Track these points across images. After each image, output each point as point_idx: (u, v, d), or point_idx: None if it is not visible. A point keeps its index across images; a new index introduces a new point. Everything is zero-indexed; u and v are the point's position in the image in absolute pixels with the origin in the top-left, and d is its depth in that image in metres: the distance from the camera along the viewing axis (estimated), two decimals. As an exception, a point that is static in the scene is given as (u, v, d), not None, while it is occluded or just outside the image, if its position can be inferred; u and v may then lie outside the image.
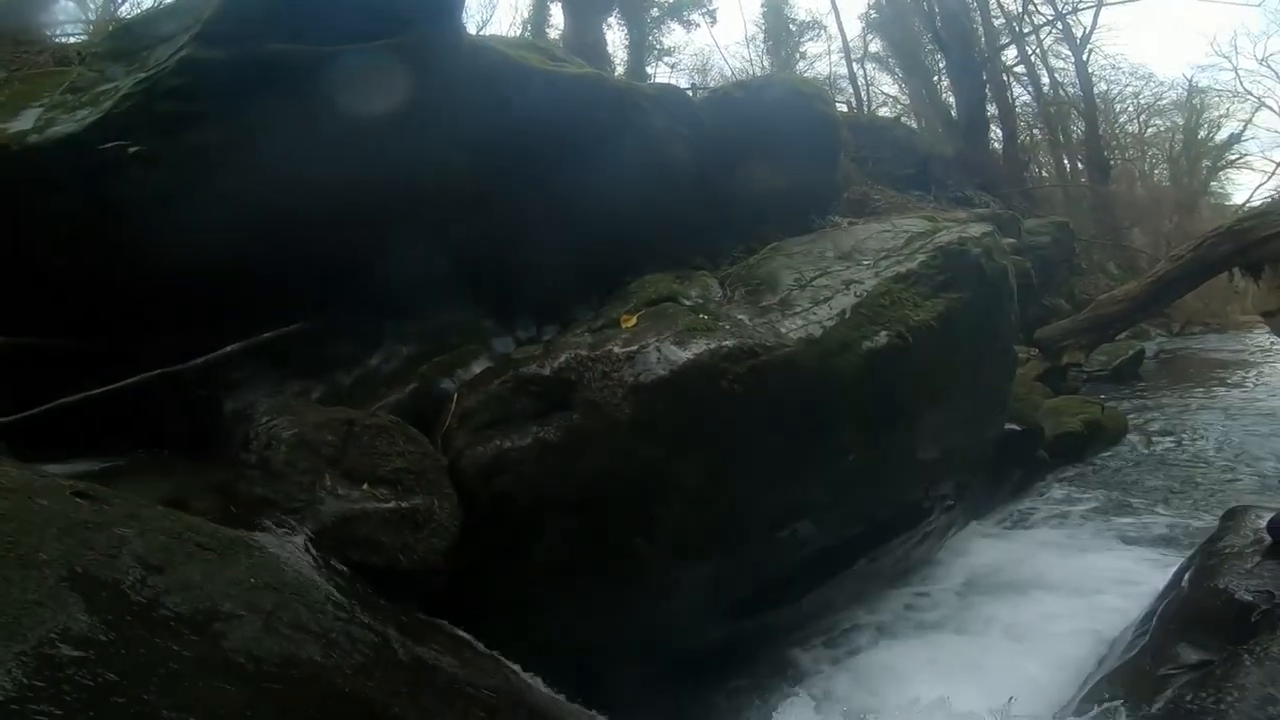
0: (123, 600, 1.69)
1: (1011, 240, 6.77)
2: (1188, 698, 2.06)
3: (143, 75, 3.07)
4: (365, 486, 2.40)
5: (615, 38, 14.31)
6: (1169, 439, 5.64)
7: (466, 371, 3.19)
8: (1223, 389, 7.98)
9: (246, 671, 1.68)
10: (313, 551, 2.27)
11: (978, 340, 3.58)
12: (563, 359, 2.72)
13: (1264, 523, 2.59)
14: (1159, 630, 2.52)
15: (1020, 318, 7.34)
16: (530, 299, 3.93)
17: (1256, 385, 8.40)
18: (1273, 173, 24.19)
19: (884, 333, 3.14)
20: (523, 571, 2.46)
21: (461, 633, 2.25)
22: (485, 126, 3.57)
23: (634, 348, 2.76)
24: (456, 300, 3.82)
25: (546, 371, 2.68)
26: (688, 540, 2.60)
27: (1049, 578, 3.48)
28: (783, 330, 3.04)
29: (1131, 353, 7.82)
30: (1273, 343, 10.38)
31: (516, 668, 2.22)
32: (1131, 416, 6.05)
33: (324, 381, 3.36)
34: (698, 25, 15.47)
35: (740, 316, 3.24)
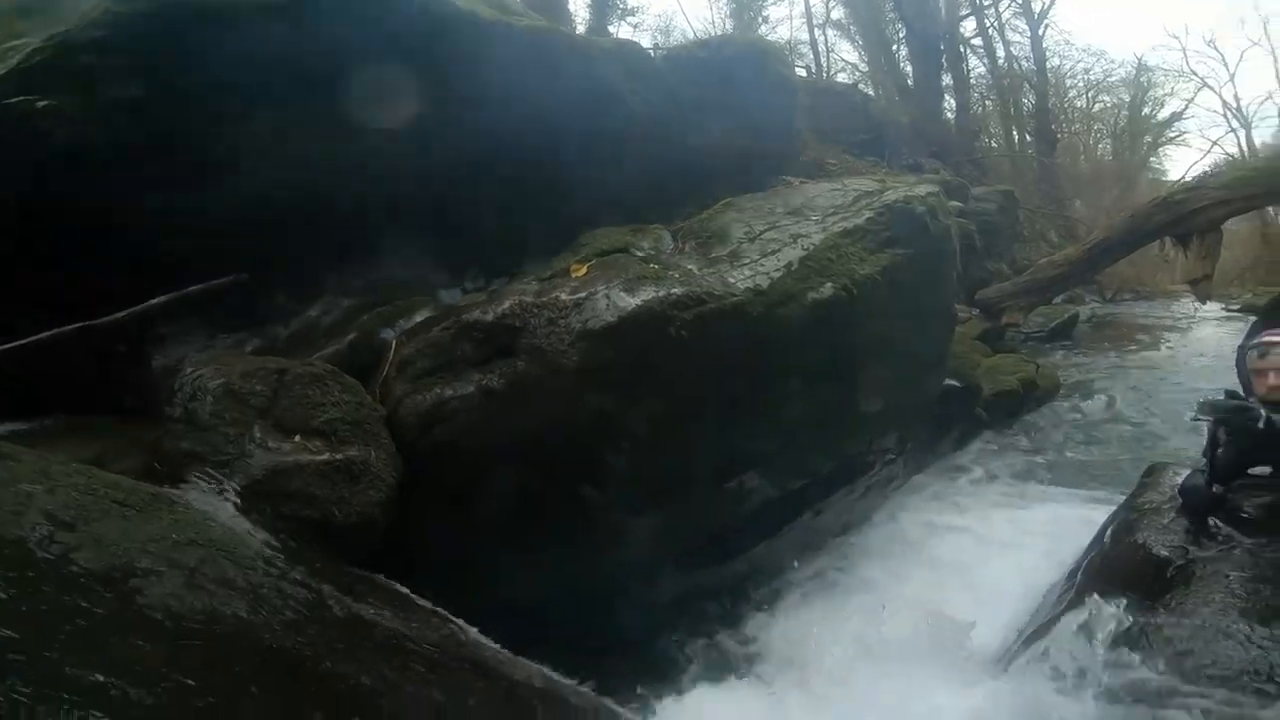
0: (27, 557, 1.57)
1: (958, 204, 6.81)
2: (1109, 652, 2.08)
3: (57, 30, 2.87)
4: (298, 438, 2.28)
5: (576, -6, 13.74)
6: (1099, 397, 5.84)
7: (409, 322, 3.07)
8: (1150, 351, 8.30)
9: (164, 628, 1.57)
10: (243, 507, 2.16)
11: (920, 295, 3.61)
12: (506, 305, 2.62)
13: (1180, 479, 2.61)
14: (1084, 583, 2.56)
15: (963, 279, 7.49)
16: (480, 252, 3.79)
17: (1181, 348, 8.75)
18: (1208, 150, 25.04)
19: (829, 284, 3.15)
20: (467, 524, 2.38)
21: (402, 588, 2.17)
22: (433, 80, 3.38)
23: (582, 295, 2.68)
24: (402, 253, 3.67)
25: (489, 318, 2.57)
26: (637, 490, 2.56)
27: (988, 531, 3.57)
28: (731, 280, 3.02)
29: (1067, 315, 8.07)
30: (1196, 309, 10.81)
31: (460, 622, 2.15)
32: (1065, 375, 6.24)
33: (259, 335, 3.21)
34: (661, -16, 14.91)
35: (690, 266, 3.19)
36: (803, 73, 15.59)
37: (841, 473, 3.26)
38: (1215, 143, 25.39)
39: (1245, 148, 23.98)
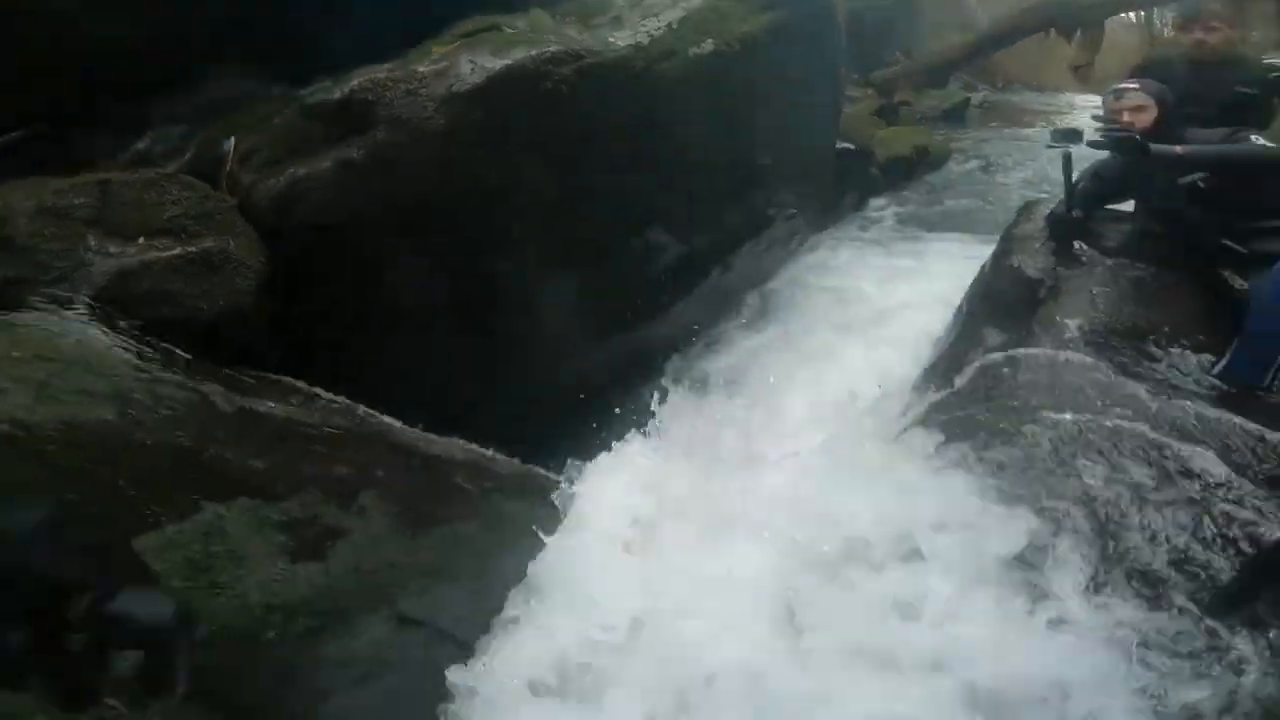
0: None
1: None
2: (990, 371, 2.13)
3: None
4: (141, 240, 1.97)
5: None
6: (985, 163, 5.96)
7: (253, 128, 2.63)
8: (1033, 129, 8.42)
9: (15, 439, 1.39)
10: (95, 318, 1.90)
11: (804, 57, 3.46)
12: (356, 83, 2.29)
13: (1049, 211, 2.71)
14: (969, 314, 2.65)
15: (861, 63, 7.21)
16: (329, 62, 3.25)
17: (1059, 126, 8.93)
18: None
19: (710, 41, 3.00)
20: (352, 307, 2.17)
21: (298, 382, 2.01)
22: None
23: (443, 64, 2.37)
24: (237, 73, 3.11)
25: (336, 96, 2.23)
26: (533, 252, 2.40)
27: (892, 275, 3.62)
28: (611, 40, 2.78)
29: (959, 98, 8.04)
30: (1076, 99, 11.07)
31: (367, 408, 2.01)
32: (956, 146, 6.29)
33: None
34: None
35: (569, 32, 2.90)
36: None
37: (744, 227, 3.22)
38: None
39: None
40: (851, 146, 4.29)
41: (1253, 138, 2.24)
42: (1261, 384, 1.65)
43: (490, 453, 2.09)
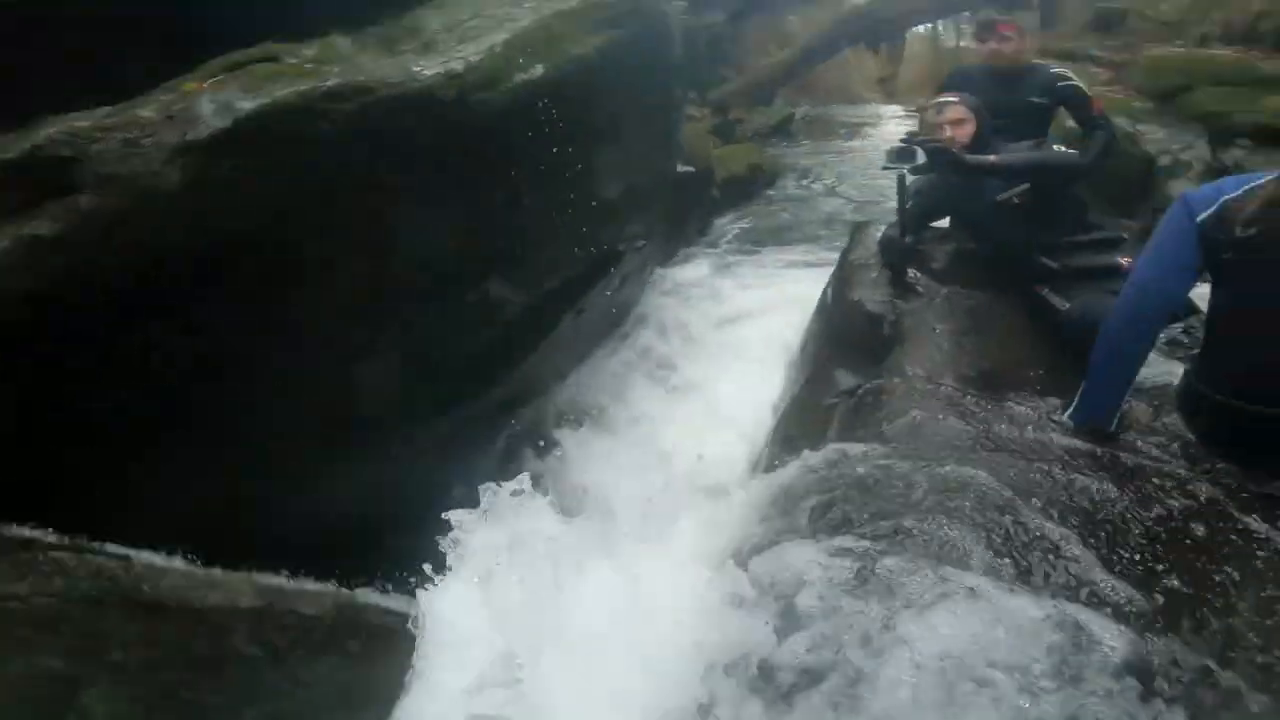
0: None
1: (682, 3, 6.31)
2: (847, 425, 1.91)
3: None
4: None
5: None
6: (813, 178, 6.20)
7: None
8: (851, 141, 9.05)
9: None
10: None
11: (643, 77, 3.16)
12: (46, 134, 1.63)
13: (880, 234, 2.64)
14: (817, 353, 2.49)
15: (697, 82, 7.19)
16: (51, 93, 2.42)
17: (874, 138, 9.63)
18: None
19: (540, 65, 2.53)
20: (79, 417, 1.56)
21: (29, 531, 1.42)
22: None
23: (179, 106, 1.80)
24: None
25: (13, 155, 1.58)
26: (323, 318, 1.88)
27: (741, 304, 3.53)
28: (415, 68, 2.26)
29: (785, 114, 8.40)
30: (883, 110, 12.07)
31: (120, 551, 1.46)
32: (787, 162, 6.49)
33: None
34: None
35: (360, 61, 2.35)
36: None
37: (594, 267, 2.87)
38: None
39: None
40: (693, 169, 4.14)
41: (1055, 148, 2.25)
42: (1109, 428, 1.56)
43: (298, 583, 1.58)
